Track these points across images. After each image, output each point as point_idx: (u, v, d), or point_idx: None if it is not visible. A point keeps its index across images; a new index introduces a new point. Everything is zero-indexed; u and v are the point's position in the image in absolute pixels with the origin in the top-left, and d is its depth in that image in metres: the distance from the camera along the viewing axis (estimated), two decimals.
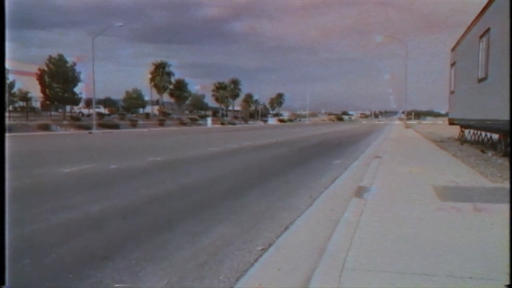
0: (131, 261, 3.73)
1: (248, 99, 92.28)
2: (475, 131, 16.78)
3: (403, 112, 52.64)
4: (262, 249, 4.05)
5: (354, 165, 11.05)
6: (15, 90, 40.34)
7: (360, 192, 6.38)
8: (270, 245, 4.16)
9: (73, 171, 9.41)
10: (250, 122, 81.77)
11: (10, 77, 39.36)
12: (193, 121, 62.64)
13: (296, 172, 9.81)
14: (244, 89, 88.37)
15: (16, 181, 8.04)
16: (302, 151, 16.71)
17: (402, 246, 3.65)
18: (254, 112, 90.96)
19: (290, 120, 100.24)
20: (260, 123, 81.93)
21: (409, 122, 49.18)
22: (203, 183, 8.25)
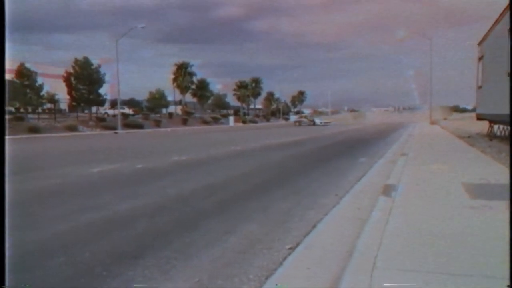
0: (161, 259, 3.78)
1: (270, 97, 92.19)
2: (505, 127, 16.31)
3: (428, 108, 51.58)
4: (290, 248, 4.04)
5: (380, 162, 10.90)
6: (43, 92, 41.44)
7: (387, 190, 6.30)
8: (298, 244, 4.15)
9: (101, 171, 9.61)
10: (271, 120, 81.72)
11: (38, 80, 40.48)
12: (215, 120, 63.04)
13: (321, 170, 9.75)
14: (265, 87, 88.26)
15: (48, 181, 8.27)
16: (326, 149, 16.59)
17: (434, 246, 3.58)
18: (275, 110, 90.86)
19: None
20: (281, 121, 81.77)
21: (434, 118, 48.16)
22: (228, 181, 8.29)
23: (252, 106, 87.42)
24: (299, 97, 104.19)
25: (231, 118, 66.12)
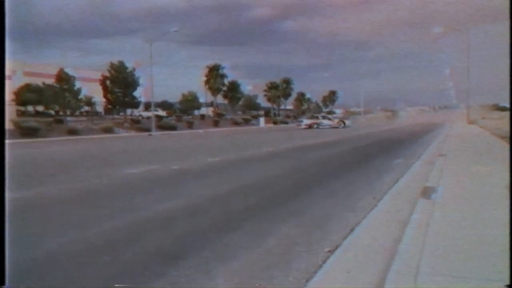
0: (201, 260, 3.85)
1: (300, 97, 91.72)
2: None
3: (465, 107, 49.89)
4: (329, 251, 4.02)
5: (417, 164, 10.65)
6: (81, 96, 42.90)
7: (426, 192, 6.16)
8: (337, 247, 4.12)
9: (139, 172, 9.86)
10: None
11: (77, 84, 41.93)
12: (246, 121, 63.32)
13: (356, 172, 9.64)
14: (296, 88, 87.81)
15: (88, 182, 8.56)
16: (359, 150, 16.37)
17: (479, 251, 3.48)
18: (306, 110, 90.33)
19: (344, 118, 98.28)
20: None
21: (472, 117, 46.53)
22: (262, 183, 8.33)
23: (282, 107, 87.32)
24: (331, 97, 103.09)
25: (262, 119, 66.22)
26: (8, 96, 44.87)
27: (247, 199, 6.65)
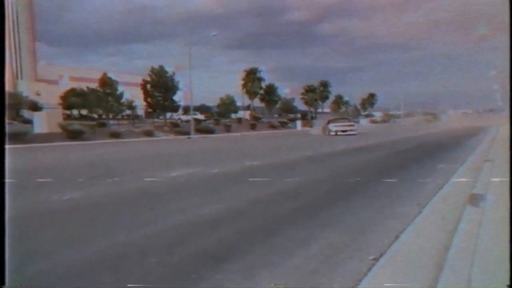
0: (245, 264, 3.90)
1: (338, 100, 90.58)
2: None
3: None
4: (374, 259, 3.97)
5: (461, 169, 10.29)
6: (123, 100, 44.36)
7: (474, 199, 5.95)
8: (381, 254, 4.06)
9: (180, 175, 10.07)
10: None
11: (119, 89, 43.42)
12: (283, 124, 63.24)
13: (398, 177, 9.42)
14: (334, 91, 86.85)
15: (133, 184, 8.84)
16: (400, 154, 15.99)
17: None
18: (344, 114, 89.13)
19: (384, 121, 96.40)
20: None
21: None
22: (302, 187, 8.31)
23: (320, 110, 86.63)
24: (369, 100, 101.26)
25: (299, 123, 65.93)
26: (55, 100, 46.97)
27: (288, 204, 6.67)
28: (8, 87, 48.57)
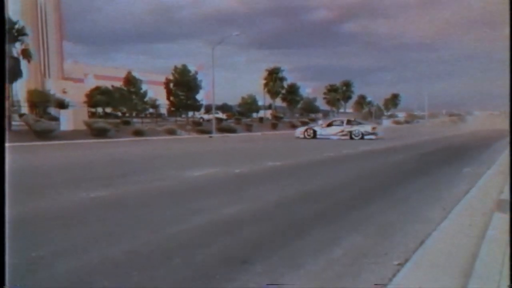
0: (270, 266, 3.92)
1: (361, 100, 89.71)
2: None
3: None
4: (399, 264, 3.93)
5: (489, 173, 10.06)
6: (147, 99, 45.05)
7: (502, 206, 5.80)
8: (406, 260, 4.02)
9: (202, 175, 10.18)
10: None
11: (143, 87, 44.17)
12: (304, 124, 63.00)
13: (422, 180, 9.29)
14: (357, 91, 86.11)
15: (157, 183, 8.98)
16: (425, 156, 15.73)
17: None
18: (367, 114, 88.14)
19: (407, 122, 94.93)
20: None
21: None
22: (326, 189, 8.28)
23: (342, 110, 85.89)
24: (393, 100, 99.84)
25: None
26: (81, 98, 48.01)
27: (311, 206, 6.66)
28: (36, 86, 50.16)
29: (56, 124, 32.48)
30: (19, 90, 43.41)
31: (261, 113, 65.12)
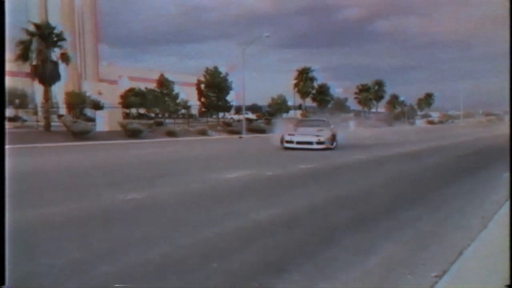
0: (305, 275, 3.95)
1: (393, 100, 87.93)
2: None
3: None
4: (436, 276, 3.88)
5: None
6: (179, 100, 45.85)
7: None
8: (444, 272, 3.96)
9: (234, 177, 10.29)
10: (394, 125, 77.85)
11: (175, 89, 45.00)
12: (334, 124, 62.37)
13: (459, 185, 9.06)
14: (389, 90, 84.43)
15: (191, 185, 9.15)
16: (461, 159, 15.29)
17: None
18: (400, 114, 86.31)
19: (441, 122, 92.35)
20: (406, 125, 77.41)
21: None
22: (359, 193, 8.22)
23: (374, 110, 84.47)
24: (426, 100, 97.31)
25: (351, 123, 64.79)
26: (115, 99, 49.23)
27: (345, 211, 6.63)
28: (73, 88, 51.56)
29: (92, 125, 33.48)
30: (57, 92, 45.00)
31: (291, 113, 65.00)
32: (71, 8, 68.12)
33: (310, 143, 18.68)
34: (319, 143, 18.68)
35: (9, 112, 49.12)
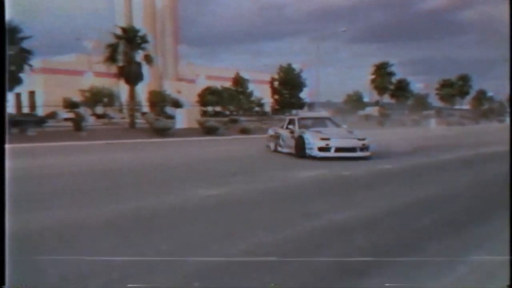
0: (387, 281, 3.85)
1: (480, 96, 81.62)
2: None
3: None
4: None
5: None
6: (253, 98, 46.64)
7: None
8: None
9: (309, 176, 10.27)
10: (481, 122, 72.30)
11: (249, 87, 45.81)
12: (414, 122, 59.45)
13: None
14: (476, 85, 78.58)
15: (267, 183, 9.28)
16: None
17: None
18: (487, 111, 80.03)
19: None
20: (495, 123, 71.55)
21: None
22: (442, 196, 7.79)
23: (458, 107, 79.19)
24: None
25: (433, 120, 61.28)
26: (193, 97, 51.24)
27: (426, 216, 6.32)
28: (155, 87, 54.32)
29: (172, 122, 35.25)
30: (140, 92, 47.91)
31: (367, 110, 63.08)
32: (153, 11, 72.07)
33: (353, 149, 13.41)
34: (363, 149, 13.52)
35: (98, 110, 53.35)
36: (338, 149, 13.32)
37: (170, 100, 51.18)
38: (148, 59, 36.11)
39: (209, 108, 48.38)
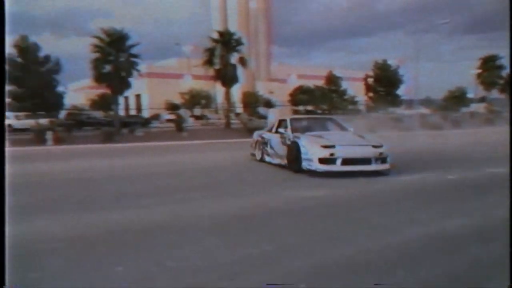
0: None
1: None
2: None
3: None
4: None
5: None
6: (346, 96, 45.79)
7: None
8: None
9: (410, 179, 9.82)
10: None
11: (343, 85, 45.08)
12: None
13: None
14: None
15: (364, 187, 9.09)
16: None
17: None
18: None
19: None
20: None
21: None
22: None
23: None
24: None
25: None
26: (285, 97, 51.84)
27: None
28: (248, 88, 56.34)
29: (264, 122, 36.09)
30: (234, 93, 49.74)
31: (472, 107, 58.19)
32: (247, 13, 74.25)
33: (367, 161, 10.13)
34: (381, 159, 10.28)
35: (196, 111, 56.48)
36: (346, 161, 9.83)
37: (262, 100, 52.44)
38: (243, 61, 37.38)
39: (300, 107, 48.50)
